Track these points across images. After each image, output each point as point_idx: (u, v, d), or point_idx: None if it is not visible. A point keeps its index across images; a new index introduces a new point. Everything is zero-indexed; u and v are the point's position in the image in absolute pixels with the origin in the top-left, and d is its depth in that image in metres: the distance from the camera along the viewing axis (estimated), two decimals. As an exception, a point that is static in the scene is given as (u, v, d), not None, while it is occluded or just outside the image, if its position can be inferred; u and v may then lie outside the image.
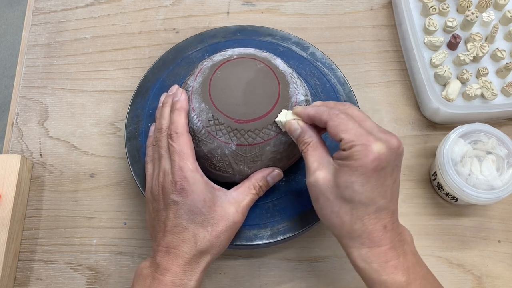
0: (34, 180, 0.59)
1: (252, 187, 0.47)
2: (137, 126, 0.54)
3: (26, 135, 0.61)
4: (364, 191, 0.39)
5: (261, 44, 0.59)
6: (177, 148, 0.44)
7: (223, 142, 0.45)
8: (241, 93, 0.45)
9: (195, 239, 0.43)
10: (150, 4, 0.68)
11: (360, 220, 0.39)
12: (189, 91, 0.48)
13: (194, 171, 0.43)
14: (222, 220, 0.44)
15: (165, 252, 0.43)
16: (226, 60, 0.48)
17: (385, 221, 0.40)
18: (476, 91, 0.57)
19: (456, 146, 0.52)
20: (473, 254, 0.55)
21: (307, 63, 0.58)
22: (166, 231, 0.43)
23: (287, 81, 0.47)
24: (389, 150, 0.39)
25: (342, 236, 0.41)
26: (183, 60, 0.58)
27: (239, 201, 0.46)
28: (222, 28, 0.60)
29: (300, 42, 0.59)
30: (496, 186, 0.51)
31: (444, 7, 0.62)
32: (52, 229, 0.56)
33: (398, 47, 0.65)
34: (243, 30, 0.60)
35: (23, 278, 0.54)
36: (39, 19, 0.67)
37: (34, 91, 0.63)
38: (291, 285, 0.54)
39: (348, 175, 0.39)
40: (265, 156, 0.46)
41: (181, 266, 0.42)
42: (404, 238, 0.41)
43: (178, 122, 0.45)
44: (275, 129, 0.46)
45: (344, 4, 0.68)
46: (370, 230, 0.39)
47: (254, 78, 0.46)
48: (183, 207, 0.43)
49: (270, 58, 0.49)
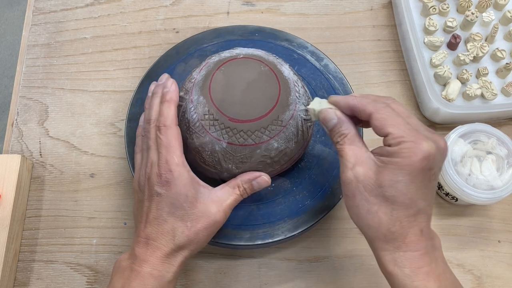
0: (34, 180, 0.59)
1: (236, 187, 0.46)
2: (137, 126, 0.54)
3: (26, 135, 0.61)
4: (408, 192, 0.37)
5: (277, 48, 0.59)
6: (165, 141, 0.43)
7: (214, 138, 0.45)
8: (240, 92, 0.45)
9: (174, 233, 0.42)
10: (150, 4, 0.68)
11: (399, 222, 0.38)
12: (191, 82, 0.48)
13: (180, 165, 0.43)
14: (203, 217, 0.43)
15: (144, 243, 0.43)
16: (232, 58, 0.48)
17: (422, 225, 0.38)
18: (476, 91, 0.57)
19: (456, 146, 0.52)
20: (473, 254, 0.55)
21: (318, 74, 0.57)
22: (147, 222, 0.43)
23: (289, 88, 0.47)
24: (437, 150, 0.38)
25: (376, 238, 0.39)
26: (186, 57, 0.58)
27: (222, 200, 0.45)
28: (241, 27, 0.61)
29: (315, 52, 0.59)
30: (496, 186, 0.51)
31: (444, 7, 0.62)
32: (52, 229, 0.56)
33: (398, 47, 0.65)
34: (262, 31, 0.60)
35: (23, 278, 0.54)
36: (39, 19, 0.67)
37: (34, 91, 0.63)
38: (291, 285, 0.54)
39: (394, 174, 0.37)
40: (255, 158, 0.46)
41: (159, 258, 0.42)
42: (435, 243, 0.40)
43: (167, 115, 0.45)
44: (268, 133, 0.45)
45: (344, 4, 0.68)
46: (407, 234, 0.38)
47: (256, 79, 0.46)
48: (165, 200, 0.43)
49: (277, 63, 0.48)
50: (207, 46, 0.59)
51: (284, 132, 0.46)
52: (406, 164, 0.37)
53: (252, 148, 0.45)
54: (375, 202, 0.38)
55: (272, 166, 0.47)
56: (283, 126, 0.45)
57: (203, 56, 0.58)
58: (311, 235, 0.55)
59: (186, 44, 0.59)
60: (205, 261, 0.54)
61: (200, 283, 0.54)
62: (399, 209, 0.37)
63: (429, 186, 0.38)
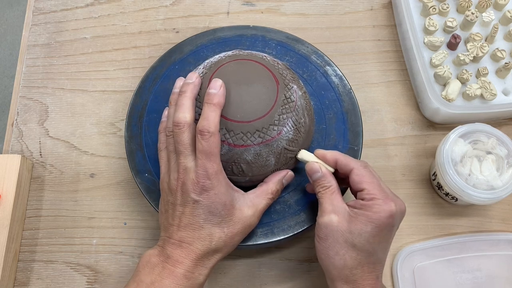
0: (34, 180, 0.59)
1: (270, 191, 0.47)
2: (137, 126, 0.55)
3: (26, 135, 0.61)
4: (373, 242, 0.42)
5: (276, 48, 0.59)
6: (207, 148, 0.42)
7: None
8: (235, 92, 0.45)
9: (211, 238, 0.43)
10: (150, 4, 0.68)
11: (361, 267, 0.43)
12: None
13: (218, 173, 0.43)
14: (239, 222, 0.44)
15: (177, 245, 0.43)
16: (237, 58, 0.48)
17: (378, 273, 0.44)
18: (476, 91, 0.57)
19: (456, 146, 0.52)
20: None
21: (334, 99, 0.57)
22: (181, 226, 0.43)
23: (288, 108, 0.46)
24: (400, 211, 0.44)
25: (338, 277, 0.43)
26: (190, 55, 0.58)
27: (257, 205, 0.46)
28: (241, 27, 0.61)
29: (315, 51, 0.58)
30: (496, 186, 0.51)
31: (444, 7, 0.62)
32: (52, 229, 0.56)
33: (398, 47, 0.65)
34: (261, 31, 0.60)
35: (23, 278, 0.54)
36: (39, 19, 0.67)
37: (34, 91, 0.63)
38: (291, 285, 0.54)
39: (364, 224, 0.42)
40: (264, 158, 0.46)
41: (193, 260, 0.42)
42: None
43: (213, 120, 0.42)
44: (255, 140, 0.45)
45: (344, 4, 0.68)
46: (366, 277, 0.43)
47: (255, 85, 0.46)
48: (202, 207, 0.43)
49: (289, 80, 0.48)
50: (207, 47, 0.59)
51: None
52: (375, 218, 0.42)
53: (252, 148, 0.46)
54: (344, 246, 0.43)
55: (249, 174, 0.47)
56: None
57: (203, 56, 0.58)
58: (311, 235, 0.55)
59: (186, 44, 0.59)
60: (205, 261, 0.54)
61: (200, 283, 0.54)
62: (363, 255, 0.42)
63: (389, 241, 0.45)
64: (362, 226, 0.42)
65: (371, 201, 0.43)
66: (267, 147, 0.46)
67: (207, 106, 0.43)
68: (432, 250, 0.54)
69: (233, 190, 0.45)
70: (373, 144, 0.60)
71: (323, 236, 0.43)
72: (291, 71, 0.51)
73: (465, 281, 0.54)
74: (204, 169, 0.42)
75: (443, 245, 0.55)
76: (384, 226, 0.42)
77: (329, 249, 0.43)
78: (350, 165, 0.45)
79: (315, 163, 0.47)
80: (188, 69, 0.57)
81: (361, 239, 0.42)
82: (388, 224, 0.43)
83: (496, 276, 0.54)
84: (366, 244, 0.42)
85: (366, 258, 0.43)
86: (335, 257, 0.43)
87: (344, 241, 0.42)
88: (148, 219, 0.56)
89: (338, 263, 0.43)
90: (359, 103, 0.56)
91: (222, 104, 0.44)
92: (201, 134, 0.42)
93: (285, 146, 0.47)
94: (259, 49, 0.59)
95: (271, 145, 0.46)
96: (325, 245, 0.43)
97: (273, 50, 0.59)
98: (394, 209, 0.43)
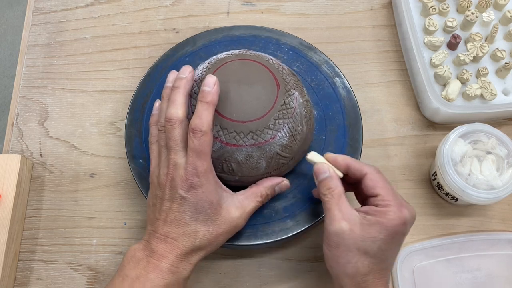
0: (34, 180, 0.59)
1: (259, 194, 0.47)
2: (137, 126, 0.55)
3: (26, 135, 0.61)
4: (385, 249, 0.42)
5: (277, 48, 0.58)
6: (198, 146, 0.42)
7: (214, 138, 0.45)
8: (234, 91, 0.45)
9: (195, 235, 0.43)
10: (150, 4, 0.68)
11: (373, 273, 0.42)
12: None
13: (208, 171, 0.43)
14: (225, 222, 0.44)
15: (162, 239, 0.43)
16: (242, 58, 0.48)
17: (387, 278, 0.44)
18: (476, 91, 0.57)
19: (456, 146, 0.52)
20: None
21: (318, 72, 0.57)
22: (167, 221, 0.43)
23: (286, 114, 0.46)
24: (412, 218, 0.43)
25: (350, 285, 0.42)
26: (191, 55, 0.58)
27: (245, 207, 0.46)
28: (241, 27, 0.61)
29: (316, 51, 0.58)
30: (496, 186, 0.51)
31: (444, 7, 0.62)
32: (52, 229, 0.56)
33: (398, 47, 0.65)
34: (261, 31, 0.60)
35: (23, 278, 0.54)
36: (39, 19, 0.67)
37: (34, 91, 0.63)
38: (291, 285, 0.54)
39: (378, 232, 0.41)
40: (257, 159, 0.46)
41: (178, 256, 0.42)
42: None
43: (205, 119, 0.42)
44: (248, 141, 0.45)
45: (344, 4, 0.68)
46: (377, 283, 0.42)
47: (255, 87, 0.46)
48: (189, 204, 0.43)
49: (291, 86, 0.47)
50: (220, 42, 0.59)
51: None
52: (390, 226, 0.42)
53: (253, 148, 0.46)
54: (356, 254, 0.42)
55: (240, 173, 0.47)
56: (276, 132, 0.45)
57: (203, 56, 0.58)
58: (311, 235, 0.55)
59: (185, 44, 0.59)
60: (205, 261, 0.54)
61: (200, 283, 0.54)
62: (375, 262, 0.42)
63: (398, 248, 0.44)
64: (375, 234, 0.41)
65: (385, 208, 0.42)
66: (259, 150, 0.45)
67: (201, 104, 0.43)
68: (432, 250, 0.54)
69: (222, 190, 0.45)
70: (373, 144, 0.60)
71: (334, 244, 0.42)
72: (296, 77, 0.50)
73: (465, 281, 0.54)
74: (194, 167, 0.42)
75: (443, 245, 0.55)
76: (397, 234, 0.42)
77: (340, 257, 0.42)
78: (363, 169, 0.45)
79: (324, 164, 0.46)
80: (198, 62, 0.57)
81: (374, 246, 0.41)
82: (400, 232, 0.42)
83: (496, 276, 0.54)
84: (378, 251, 0.42)
85: (377, 265, 0.42)
86: (347, 265, 0.42)
87: (356, 249, 0.41)
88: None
89: (350, 271, 0.42)
90: (359, 103, 0.56)
91: (216, 102, 0.43)
92: (193, 132, 0.42)
93: (278, 151, 0.46)
94: (271, 52, 0.58)
95: (264, 148, 0.45)
96: (336, 253, 0.42)
97: (285, 54, 0.58)
98: (408, 217, 0.42)
